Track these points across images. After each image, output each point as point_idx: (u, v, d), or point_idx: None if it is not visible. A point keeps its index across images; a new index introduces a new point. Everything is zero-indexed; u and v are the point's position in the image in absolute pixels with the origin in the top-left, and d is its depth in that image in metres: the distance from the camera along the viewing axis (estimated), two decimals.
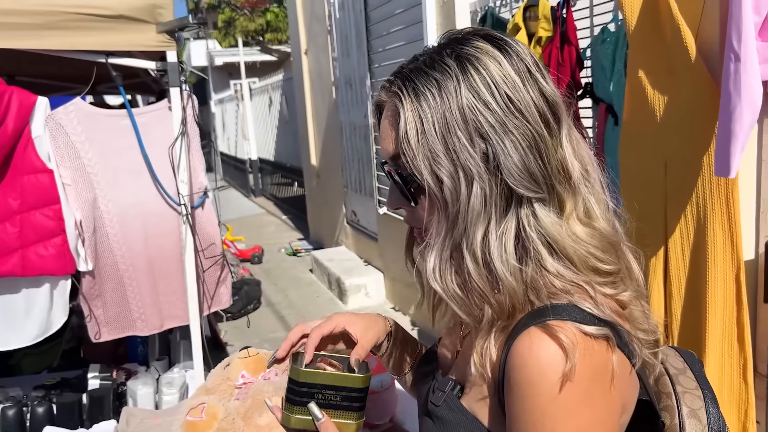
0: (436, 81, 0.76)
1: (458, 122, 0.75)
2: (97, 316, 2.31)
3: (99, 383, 2.44)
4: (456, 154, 0.75)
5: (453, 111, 0.75)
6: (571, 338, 0.71)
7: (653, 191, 2.24)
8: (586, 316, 0.74)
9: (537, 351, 0.72)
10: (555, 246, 0.77)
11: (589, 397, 0.71)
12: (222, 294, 2.55)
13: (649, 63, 2.21)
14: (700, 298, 2.10)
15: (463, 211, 0.76)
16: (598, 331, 0.72)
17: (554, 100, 0.78)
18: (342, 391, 0.85)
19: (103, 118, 2.29)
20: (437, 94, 0.76)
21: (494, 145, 0.75)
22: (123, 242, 2.32)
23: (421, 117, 0.76)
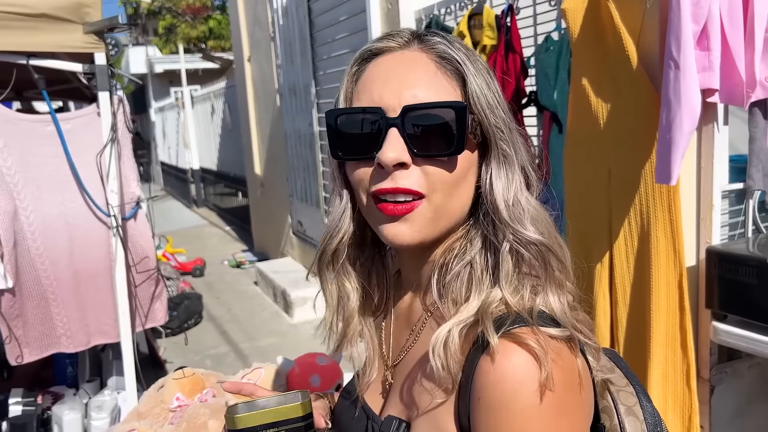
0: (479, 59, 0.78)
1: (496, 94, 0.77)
2: (17, 336, 2.14)
3: (21, 409, 2.26)
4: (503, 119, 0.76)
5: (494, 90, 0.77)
6: (540, 343, 0.66)
7: (597, 199, 2.25)
8: (549, 320, 0.70)
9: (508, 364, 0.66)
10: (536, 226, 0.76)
11: (565, 405, 0.67)
12: (157, 310, 2.41)
13: (591, 71, 2.22)
14: (645, 304, 2.11)
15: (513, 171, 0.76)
16: (562, 332, 0.69)
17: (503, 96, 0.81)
18: (285, 425, 0.79)
19: (24, 124, 2.13)
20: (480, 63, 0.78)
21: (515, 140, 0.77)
22: (46, 256, 2.16)
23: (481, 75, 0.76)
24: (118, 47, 14.17)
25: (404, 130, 0.72)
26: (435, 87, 0.74)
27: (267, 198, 7.47)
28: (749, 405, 2.18)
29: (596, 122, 2.21)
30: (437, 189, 0.74)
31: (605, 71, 2.15)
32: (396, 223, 0.74)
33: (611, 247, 2.22)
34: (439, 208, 0.74)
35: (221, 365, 4.55)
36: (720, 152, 2.02)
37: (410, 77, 0.74)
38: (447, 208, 0.75)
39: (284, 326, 5.38)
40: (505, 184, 0.75)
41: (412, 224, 0.74)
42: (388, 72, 0.75)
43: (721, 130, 2.01)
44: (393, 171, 0.73)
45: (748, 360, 2.11)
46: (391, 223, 0.74)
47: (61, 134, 2.11)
